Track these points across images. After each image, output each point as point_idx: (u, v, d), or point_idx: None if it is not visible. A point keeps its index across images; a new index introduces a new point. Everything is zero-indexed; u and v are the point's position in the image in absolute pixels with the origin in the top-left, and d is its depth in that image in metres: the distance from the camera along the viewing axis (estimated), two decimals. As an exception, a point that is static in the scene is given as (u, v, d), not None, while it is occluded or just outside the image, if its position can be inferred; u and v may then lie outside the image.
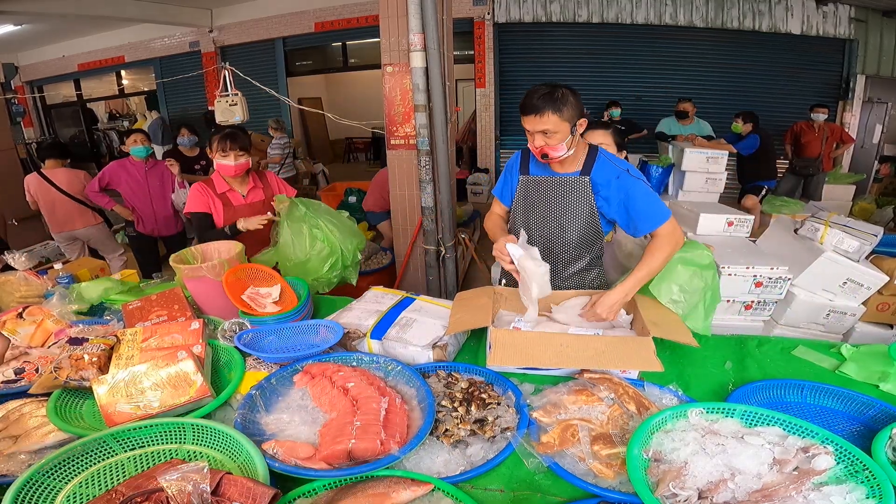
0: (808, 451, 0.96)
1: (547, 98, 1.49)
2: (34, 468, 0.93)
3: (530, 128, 1.55)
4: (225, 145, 2.15)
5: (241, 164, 2.19)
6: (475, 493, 0.98)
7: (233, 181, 2.26)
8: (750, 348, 1.52)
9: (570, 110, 1.51)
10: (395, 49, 2.97)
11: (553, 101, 1.48)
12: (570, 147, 1.57)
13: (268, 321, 1.55)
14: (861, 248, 2.48)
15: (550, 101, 1.49)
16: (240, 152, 2.18)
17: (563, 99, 1.49)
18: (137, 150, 3.62)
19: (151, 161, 3.74)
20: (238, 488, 0.88)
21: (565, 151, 1.56)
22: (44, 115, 10.67)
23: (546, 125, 1.51)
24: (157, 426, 1.08)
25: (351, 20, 7.40)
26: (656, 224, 1.55)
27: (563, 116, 1.50)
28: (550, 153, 1.57)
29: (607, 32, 6.69)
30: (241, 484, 0.89)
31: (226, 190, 2.25)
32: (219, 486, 0.89)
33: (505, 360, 1.28)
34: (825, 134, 5.41)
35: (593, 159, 1.65)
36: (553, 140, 1.54)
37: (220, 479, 0.89)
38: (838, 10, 6.31)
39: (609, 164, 1.63)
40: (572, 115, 1.52)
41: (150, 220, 3.76)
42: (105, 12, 6.64)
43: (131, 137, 3.65)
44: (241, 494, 0.88)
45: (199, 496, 0.84)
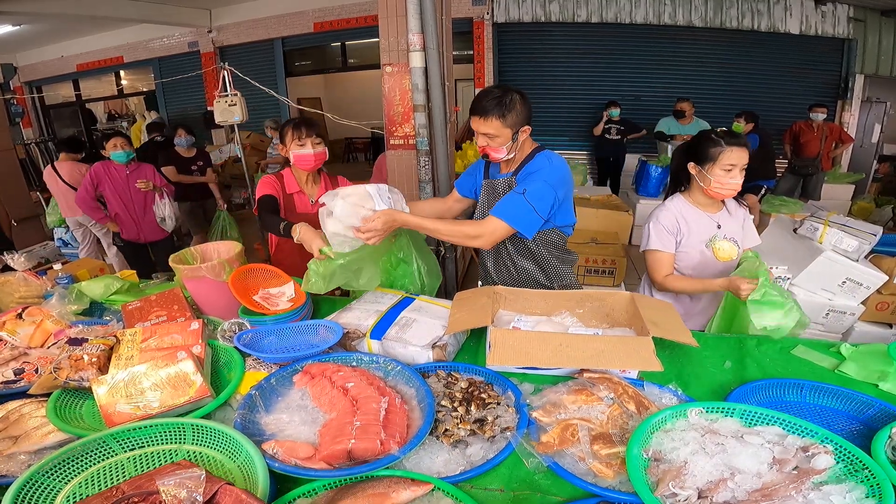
0: (807, 450, 0.96)
1: (494, 103, 1.54)
2: (34, 468, 0.93)
3: (475, 128, 1.61)
4: (300, 133, 1.96)
5: (320, 154, 2.02)
6: (475, 493, 0.98)
7: (305, 182, 2.11)
8: (749, 348, 1.52)
9: (514, 117, 1.56)
10: (395, 49, 2.97)
11: (499, 106, 1.54)
12: (511, 151, 1.64)
13: (267, 321, 1.55)
14: (860, 248, 2.49)
15: (496, 107, 1.54)
16: (317, 139, 2.00)
17: (510, 105, 1.55)
18: (118, 156, 3.49)
19: (133, 165, 3.63)
20: (232, 499, 0.88)
21: (505, 155, 1.63)
22: (43, 115, 10.67)
23: (489, 129, 1.57)
24: (157, 426, 1.08)
25: (350, 20, 7.40)
26: (497, 213, 1.60)
27: (505, 123, 1.56)
28: (491, 154, 1.64)
29: (606, 32, 6.69)
30: (236, 495, 0.88)
31: (295, 192, 2.08)
32: (215, 496, 0.89)
33: (505, 360, 1.28)
34: (824, 133, 5.42)
35: (528, 161, 1.70)
36: (494, 143, 1.60)
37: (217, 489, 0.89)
38: (837, 10, 6.31)
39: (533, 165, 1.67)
40: (516, 122, 1.57)
41: (132, 225, 3.67)
42: (104, 12, 6.63)
43: (111, 142, 3.51)
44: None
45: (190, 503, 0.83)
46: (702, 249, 1.81)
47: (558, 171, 1.65)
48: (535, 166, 1.66)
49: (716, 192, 1.73)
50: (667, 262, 1.81)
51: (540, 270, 1.86)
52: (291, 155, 2.01)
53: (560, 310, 1.56)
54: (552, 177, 1.62)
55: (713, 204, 1.83)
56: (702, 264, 1.82)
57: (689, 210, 1.82)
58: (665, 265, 1.81)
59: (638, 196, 5.58)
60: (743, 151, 1.67)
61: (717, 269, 1.82)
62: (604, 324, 1.57)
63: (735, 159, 1.67)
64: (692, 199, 1.83)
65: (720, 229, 1.81)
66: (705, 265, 1.82)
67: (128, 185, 3.59)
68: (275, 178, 2.08)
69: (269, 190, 2.04)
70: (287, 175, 2.09)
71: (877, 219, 5.29)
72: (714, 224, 1.81)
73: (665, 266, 1.81)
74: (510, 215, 1.60)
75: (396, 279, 1.86)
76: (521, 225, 1.61)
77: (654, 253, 1.82)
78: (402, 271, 1.85)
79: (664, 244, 1.80)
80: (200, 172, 4.70)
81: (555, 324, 1.51)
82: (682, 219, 1.80)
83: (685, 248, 1.81)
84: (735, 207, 1.88)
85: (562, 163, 1.70)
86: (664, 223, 1.80)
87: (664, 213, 1.82)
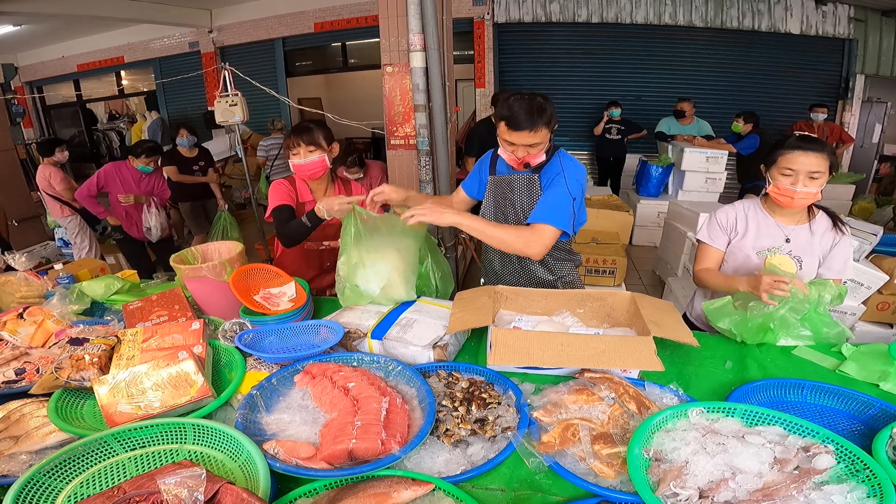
0: (808, 450, 0.96)
1: (540, 113, 1.51)
2: (35, 468, 0.93)
3: (519, 141, 1.56)
4: (292, 141, 1.85)
5: (314, 162, 1.87)
6: (476, 493, 0.98)
7: (316, 191, 2.00)
8: (750, 347, 1.52)
9: (554, 121, 1.56)
10: (395, 49, 2.97)
11: (544, 115, 1.52)
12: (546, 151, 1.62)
13: (268, 321, 1.55)
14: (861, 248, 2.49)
15: (542, 117, 1.51)
16: (310, 147, 1.85)
17: (550, 111, 1.54)
18: (146, 169, 3.80)
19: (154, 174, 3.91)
20: (233, 498, 0.88)
21: (544, 157, 1.62)
22: (43, 115, 10.67)
23: (537, 139, 1.54)
24: (158, 426, 1.08)
25: (351, 20, 7.39)
26: (542, 219, 1.59)
27: (550, 128, 1.55)
28: (532, 161, 1.61)
29: (607, 32, 6.69)
30: (237, 494, 0.88)
31: (307, 201, 1.98)
32: (216, 495, 0.89)
33: (505, 360, 1.28)
34: (825, 133, 5.42)
35: (549, 159, 1.69)
36: (536, 149, 1.58)
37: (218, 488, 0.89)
38: (837, 10, 6.31)
39: (556, 164, 1.66)
40: (554, 125, 1.58)
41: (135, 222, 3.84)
42: (104, 12, 6.63)
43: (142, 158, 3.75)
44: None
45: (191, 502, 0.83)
46: (749, 254, 1.68)
47: (581, 171, 1.67)
48: (558, 166, 1.65)
49: (775, 198, 1.60)
50: (709, 257, 1.75)
51: (546, 269, 1.86)
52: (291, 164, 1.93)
53: (561, 309, 1.56)
54: (580, 175, 1.65)
55: (792, 214, 1.65)
56: (743, 268, 1.71)
57: (756, 213, 1.70)
58: (706, 258, 1.76)
59: (638, 196, 5.58)
60: (812, 156, 1.49)
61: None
62: (605, 324, 1.57)
63: (797, 164, 1.50)
64: (766, 204, 1.69)
65: (788, 243, 1.65)
66: (747, 271, 1.68)
67: (138, 186, 3.78)
68: (288, 184, 1.98)
69: (283, 199, 1.93)
70: (299, 182, 2.00)
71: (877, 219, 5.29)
72: (782, 235, 1.65)
73: (706, 259, 1.76)
74: (557, 218, 1.58)
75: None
76: (566, 224, 1.61)
77: (701, 245, 1.78)
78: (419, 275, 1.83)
79: (712, 239, 1.74)
80: (202, 172, 4.70)
81: (555, 324, 1.51)
82: (744, 219, 1.70)
83: (734, 248, 1.72)
84: (828, 230, 1.64)
85: (577, 161, 1.72)
86: (719, 218, 1.74)
87: (725, 208, 1.75)
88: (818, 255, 1.64)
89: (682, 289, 3.64)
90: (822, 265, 1.65)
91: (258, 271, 1.76)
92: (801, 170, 1.50)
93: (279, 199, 1.94)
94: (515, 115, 1.51)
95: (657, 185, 5.47)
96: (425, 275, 1.84)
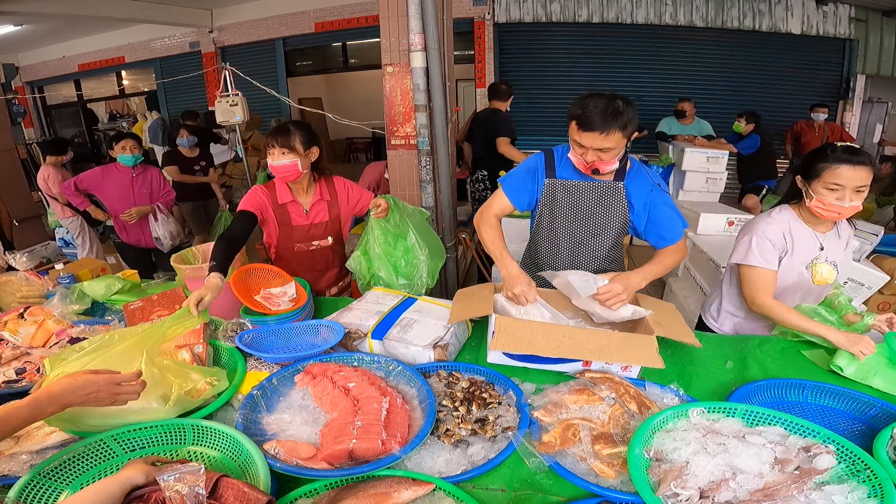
0: (809, 450, 0.96)
1: (615, 116, 1.40)
2: (35, 469, 0.93)
3: (589, 144, 1.46)
4: (267, 140, 1.86)
5: (287, 165, 1.84)
6: (476, 493, 0.98)
7: (297, 191, 1.98)
8: (751, 348, 1.52)
9: (632, 127, 1.45)
10: (396, 49, 2.96)
11: (619, 118, 1.40)
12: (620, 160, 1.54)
13: (269, 321, 1.55)
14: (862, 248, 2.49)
15: (618, 119, 1.40)
16: (283, 149, 1.83)
17: (628, 115, 1.42)
18: (125, 159, 3.32)
19: (140, 167, 3.44)
20: (234, 491, 0.88)
21: (616, 164, 1.52)
22: (44, 115, 10.68)
23: (609, 143, 1.43)
24: (158, 427, 1.08)
25: (351, 20, 7.39)
26: (677, 238, 1.59)
27: (625, 134, 1.44)
28: (602, 168, 1.51)
29: (607, 32, 6.68)
30: (237, 487, 0.88)
31: (287, 201, 1.96)
32: (216, 488, 0.89)
33: (508, 346, 1.27)
34: (825, 133, 5.41)
35: (625, 166, 1.62)
36: (608, 155, 1.47)
37: (216, 482, 0.89)
38: (838, 10, 6.31)
39: (643, 173, 1.63)
40: (633, 131, 1.47)
41: (135, 229, 3.48)
42: (105, 12, 6.64)
43: (120, 143, 3.32)
44: (236, 498, 0.87)
45: (193, 498, 0.84)
46: (801, 271, 1.60)
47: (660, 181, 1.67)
48: (644, 175, 1.62)
49: (818, 213, 1.50)
50: (769, 281, 1.59)
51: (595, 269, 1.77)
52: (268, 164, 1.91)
53: (564, 308, 1.56)
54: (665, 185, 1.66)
55: (823, 222, 1.58)
56: (795, 285, 1.63)
57: (796, 225, 1.60)
58: (770, 284, 1.59)
59: (639, 196, 5.58)
60: (860, 170, 1.39)
61: (811, 291, 1.65)
62: (606, 323, 1.57)
63: (844, 178, 1.40)
64: (801, 214, 1.60)
65: (823, 251, 1.59)
66: (798, 286, 1.63)
67: (132, 188, 3.39)
68: (264, 189, 1.96)
69: (250, 205, 1.90)
70: (279, 183, 1.97)
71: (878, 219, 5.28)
72: (818, 244, 1.59)
73: (770, 285, 1.59)
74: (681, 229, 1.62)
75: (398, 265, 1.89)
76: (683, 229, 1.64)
77: (754, 270, 1.59)
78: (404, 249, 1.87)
79: (768, 260, 1.57)
80: (203, 172, 4.70)
81: (559, 317, 1.51)
82: (789, 234, 1.59)
83: (785, 266, 1.60)
84: (845, 228, 1.65)
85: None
86: (771, 237, 1.57)
87: (772, 226, 1.59)
88: (844, 256, 1.63)
89: (682, 289, 3.63)
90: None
91: (259, 271, 1.77)
92: (848, 185, 1.40)
93: (247, 203, 1.91)
94: (588, 114, 1.42)
95: (658, 185, 5.47)
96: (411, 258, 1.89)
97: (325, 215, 2.03)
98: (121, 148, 3.31)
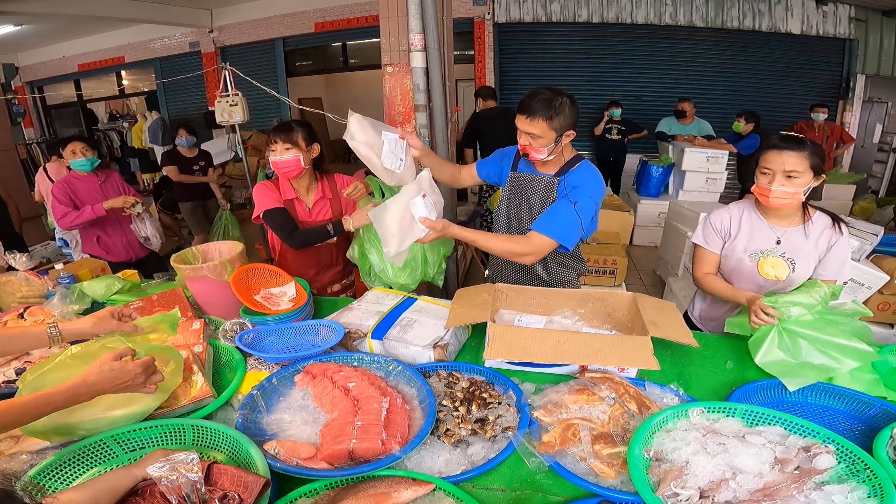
0: (809, 450, 0.96)
1: (543, 104, 1.53)
2: (35, 470, 0.93)
3: (520, 127, 1.61)
4: (270, 137, 1.88)
5: (289, 160, 1.87)
6: (476, 493, 0.98)
7: (298, 187, 2.01)
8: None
9: (561, 121, 1.55)
10: (396, 49, 2.97)
11: (548, 108, 1.53)
12: (552, 153, 1.63)
13: (269, 321, 1.55)
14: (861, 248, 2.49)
15: (544, 108, 1.53)
16: (287, 145, 1.87)
17: (559, 108, 1.53)
18: (80, 164, 2.75)
19: (103, 173, 2.92)
20: (229, 477, 0.89)
21: (545, 156, 1.63)
22: (44, 115, 10.66)
23: (534, 129, 1.56)
24: (157, 427, 1.08)
25: (351, 20, 7.39)
26: (544, 230, 1.62)
27: (551, 125, 1.55)
28: (531, 154, 1.63)
29: (607, 32, 6.68)
30: (232, 473, 0.89)
31: (291, 198, 1.99)
32: (209, 476, 0.89)
33: (502, 354, 1.28)
34: (825, 133, 5.41)
35: (573, 166, 1.70)
36: (537, 143, 1.60)
37: (208, 469, 0.90)
38: (838, 10, 6.31)
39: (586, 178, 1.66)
40: (562, 126, 1.57)
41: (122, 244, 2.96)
42: (105, 12, 6.63)
43: (69, 148, 2.73)
44: (232, 483, 0.88)
45: (190, 486, 0.84)
46: (741, 258, 1.67)
47: (601, 187, 1.68)
48: (581, 178, 1.66)
49: (758, 197, 1.58)
50: (707, 260, 1.75)
51: (546, 271, 1.87)
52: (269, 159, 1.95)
53: (562, 308, 1.56)
54: (597, 193, 1.66)
55: (784, 216, 1.62)
56: (736, 272, 1.70)
57: (750, 215, 1.68)
58: (705, 263, 1.76)
59: (639, 196, 5.58)
60: (788, 155, 1.46)
61: (755, 283, 1.67)
62: (605, 324, 1.57)
63: (774, 163, 1.48)
64: (760, 205, 1.66)
65: (779, 245, 1.62)
66: (740, 274, 1.69)
67: (103, 197, 2.82)
68: (272, 185, 1.99)
69: (273, 202, 1.95)
70: (282, 181, 2.00)
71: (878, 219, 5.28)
72: (773, 237, 1.63)
73: (705, 264, 1.76)
74: (559, 232, 1.62)
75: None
76: (566, 240, 1.62)
77: (698, 248, 1.78)
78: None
79: (707, 242, 1.74)
80: (202, 172, 4.71)
81: (556, 324, 1.51)
82: (738, 221, 1.69)
83: (727, 251, 1.71)
84: (825, 231, 1.59)
85: (600, 176, 1.71)
86: (713, 221, 1.73)
87: (719, 211, 1.75)
88: (814, 257, 1.60)
89: (682, 289, 3.63)
90: (819, 266, 1.60)
91: (259, 271, 1.76)
92: (777, 169, 1.49)
93: (269, 201, 1.95)
94: (524, 100, 1.58)
95: (658, 185, 5.47)
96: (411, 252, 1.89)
97: (329, 213, 2.07)
98: (70, 153, 2.73)
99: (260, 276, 1.76)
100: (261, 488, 0.88)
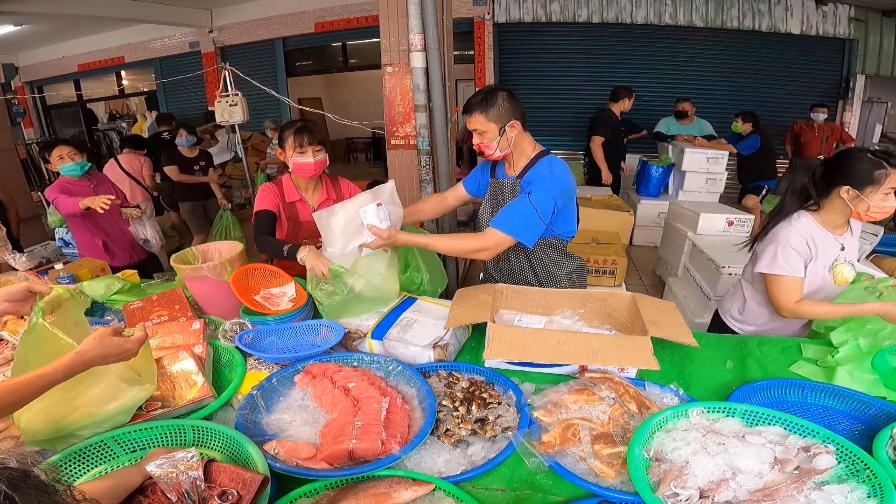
0: (809, 450, 0.96)
1: (477, 100, 1.62)
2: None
3: (469, 127, 1.68)
4: (302, 140, 1.87)
5: (321, 162, 1.92)
6: (476, 493, 0.98)
7: (305, 189, 2.03)
8: (751, 347, 1.52)
9: (497, 112, 1.60)
10: (396, 49, 2.97)
11: (482, 102, 1.60)
12: (504, 147, 1.67)
13: (269, 321, 1.55)
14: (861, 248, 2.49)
15: (478, 103, 1.61)
16: (318, 147, 1.90)
17: (491, 101, 1.60)
18: (69, 169, 2.59)
19: (95, 177, 2.83)
20: (227, 474, 0.89)
21: (496, 150, 1.67)
22: (44, 115, 10.67)
23: (475, 125, 1.63)
24: (157, 428, 1.08)
25: (351, 20, 7.39)
26: (497, 225, 1.63)
27: (488, 117, 1.60)
28: (484, 150, 1.68)
29: (607, 32, 6.68)
30: (230, 470, 0.89)
31: (296, 199, 2.00)
32: (208, 473, 0.90)
33: (501, 354, 1.28)
34: (825, 133, 5.41)
35: (533, 164, 1.71)
36: (485, 138, 1.65)
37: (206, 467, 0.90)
38: (838, 10, 6.30)
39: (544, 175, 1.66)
40: (500, 116, 1.61)
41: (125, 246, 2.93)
42: (105, 12, 6.63)
43: (55, 152, 2.57)
44: (230, 480, 0.89)
45: (190, 483, 0.84)
46: (824, 274, 1.65)
47: (559, 182, 1.64)
48: (537, 173, 1.67)
49: (872, 217, 1.54)
50: (795, 287, 1.64)
51: (532, 271, 1.86)
52: (291, 162, 1.92)
53: (562, 308, 1.57)
54: (553, 187, 1.62)
55: (842, 225, 1.65)
56: (820, 289, 1.68)
57: (817, 231, 1.64)
58: (793, 290, 1.64)
59: (639, 196, 5.58)
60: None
61: (825, 293, 1.69)
62: (605, 324, 1.57)
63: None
64: (822, 220, 1.64)
65: (843, 251, 1.65)
66: (821, 289, 1.68)
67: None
68: (274, 187, 2.00)
69: (267, 204, 1.95)
70: (286, 182, 2.00)
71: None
72: (838, 246, 1.65)
73: (795, 291, 1.64)
74: (512, 227, 1.61)
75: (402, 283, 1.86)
76: (522, 235, 1.62)
77: (781, 278, 1.64)
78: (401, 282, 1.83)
79: (794, 269, 1.62)
80: (202, 172, 4.70)
81: (556, 324, 1.51)
82: (812, 240, 1.63)
83: (810, 272, 1.65)
84: (856, 224, 1.70)
85: (563, 171, 1.67)
86: (795, 246, 1.61)
87: (794, 235, 1.62)
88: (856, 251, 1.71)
89: (682, 289, 3.63)
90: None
91: (259, 271, 1.77)
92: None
93: (264, 203, 1.96)
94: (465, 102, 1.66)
95: (657, 185, 5.47)
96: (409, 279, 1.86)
97: None
98: (58, 157, 2.57)
99: (260, 276, 1.76)
100: (259, 485, 0.88)
